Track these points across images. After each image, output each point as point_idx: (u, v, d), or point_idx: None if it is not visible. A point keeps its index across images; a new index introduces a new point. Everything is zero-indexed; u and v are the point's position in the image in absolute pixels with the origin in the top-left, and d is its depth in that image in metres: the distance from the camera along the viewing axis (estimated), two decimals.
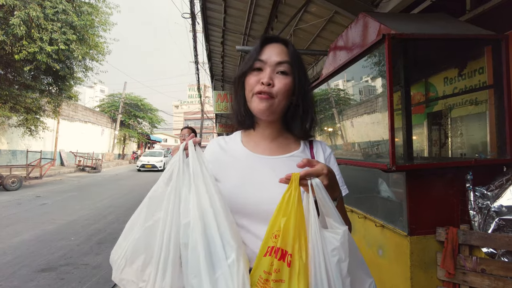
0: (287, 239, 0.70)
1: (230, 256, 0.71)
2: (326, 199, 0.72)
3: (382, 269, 2.33)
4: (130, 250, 0.79)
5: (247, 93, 0.94)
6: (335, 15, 5.18)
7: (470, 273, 1.87)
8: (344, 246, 0.71)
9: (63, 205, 7.84)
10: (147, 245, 0.78)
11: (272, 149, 0.98)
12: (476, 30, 2.28)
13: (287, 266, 0.69)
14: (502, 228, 1.88)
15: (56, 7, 10.57)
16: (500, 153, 2.15)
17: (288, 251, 0.70)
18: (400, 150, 2.69)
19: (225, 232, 0.73)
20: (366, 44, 2.36)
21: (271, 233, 0.72)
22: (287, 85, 0.90)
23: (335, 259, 0.70)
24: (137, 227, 0.81)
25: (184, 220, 0.75)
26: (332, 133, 4.62)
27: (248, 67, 0.92)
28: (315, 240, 0.70)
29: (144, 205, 0.82)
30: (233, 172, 0.93)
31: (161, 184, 0.82)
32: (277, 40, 0.96)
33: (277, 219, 0.72)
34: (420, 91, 3.63)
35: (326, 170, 0.75)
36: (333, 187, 0.78)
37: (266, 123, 0.97)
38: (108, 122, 27.39)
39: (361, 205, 2.75)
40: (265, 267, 0.70)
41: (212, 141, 1.06)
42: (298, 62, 0.94)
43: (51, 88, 12.79)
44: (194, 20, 8.17)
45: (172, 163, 0.82)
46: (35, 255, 4.30)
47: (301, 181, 0.73)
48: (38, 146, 16.13)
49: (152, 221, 0.79)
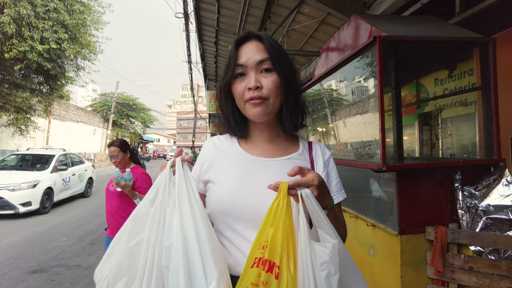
0: (275, 251, 0.68)
1: (211, 283, 0.69)
2: (317, 210, 0.69)
3: (373, 268, 2.36)
4: (112, 272, 0.78)
5: (238, 102, 0.90)
6: (328, 16, 5.22)
7: (458, 271, 1.90)
8: (333, 260, 0.69)
9: (54, 206, 7.75)
10: (130, 267, 0.76)
11: (270, 151, 0.94)
12: (465, 33, 2.33)
13: (275, 278, 0.67)
14: (489, 226, 1.93)
15: (47, 6, 10.46)
16: (488, 153, 2.20)
17: (276, 262, 0.68)
18: (391, 150, 2.73)
19: (207, 259, 0.71)
20: (358, 45, 2.39)
21: (258, 244, 0.70)
22: (275, 82, 0.86)
23: (324, 273, 0.68)
24: (120, 247, 0.79)
25: (167, 242, 0.73)
26: (325, 133, 4.66)
27: (230, 76, 0.88)
28: (304, 253, 0.68)
29: (128, 225, 0.80)
30: (229, 174, 0.90)
31: (146, 202, 0.80)
32: (249, 38, 0.90)
33: (265, 229, 0.70)
34: (411, 92, 3.68)
35: (317, 181, 0.71)
36: (323, 197, 0.75)
37: (264, 125, 0.94)
38: (100, 121, 27.13)
39: (353, 205, 2.78)
40: (252, 279, 0.68)
41: (207, 142, 1.03)
42: (278, 54, 0.88)
43: (42, 87, 12.65)
44: (187, 20, 8.15)
45: (157, 181, 0.80)
46: (26, 257, 4.26)
47: (291, 191, 0.70)
48: (29, 146, 15.89)
49: (135, 241, 0.77)
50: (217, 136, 1.05)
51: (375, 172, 2.08)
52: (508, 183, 1.96)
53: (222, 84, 0.92)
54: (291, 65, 0.92)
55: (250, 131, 0.97)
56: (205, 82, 13.41)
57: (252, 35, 0.90)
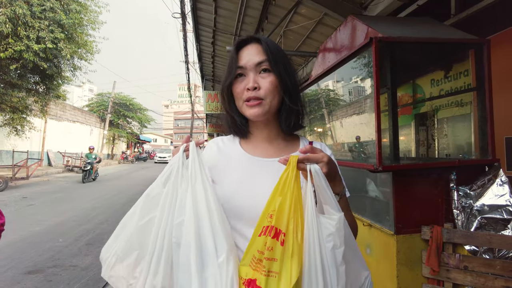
0: (282, 218, 0.69)
1: (221, 255, 0.71)
2: (324, 186, 0.71)
3: (370, 268, 2.36)
4: (122, 247, 0.79)
5: (237, 102, 0.94)
6: (325, 17, 5.24)
7: (453, 270, 1.92)
8: (339, 233, 0.70)
9: (50, 206, 7.71)
10: (140, 243, 0.78)
11: (270, 151, 0.97)
12: (460, 34, 2.35)
13: (281, 244, 0.68)
14: (484, 226, 1.95)
15: (44, 5, 10.41)
16: (483, 153, 2.22)
17: (282, 230, 0.69)
18: (387, 150, 2.75)
19: (218, 233, 0.73)
20: (354, 46, 2.41)
21: (266, 213, 0.72)
22: (273, 82, 0.89)
23: (330, 245, 0.69)
24: (130, 225, 0.81)
25: (178, 220, 0.75)
26: (322, 133, 4.67)
27: (232, 77, 0.92)
28: (311, 225, 0.69)
29: (139, 204, 0.82)
30: (230, 174, 0.92)
31: (159, 183, 0.82)
32: (249, 41, 0.94)
33: (273, 199, 0.72)
34: (407, 92, 3.70)
35: (326, 158, 0.75)
36: (334, 178, 0.79)
37: (263, 124, 0.97)
38: (97, 121, 27.01)
39: (349, 205, 2.80)
40: (259, 246, 0.70)
41: (210, 142, 1.05)
42: (276, 55, 0.91)
43: (38, 87, 12.56)
44: (185, 20, 8.14)
45: (171, 164, 0.83)
46: (22, 257, 4.24)
47: (300, 165, 0.72)
48: (25, 146, 15.79)
49: (147, 219, 0.80)
50: (221, 137, 1.07)
51: (371, 172, 2.10)
52: (502, 183, 1.98)
53: (225, 85, 0.95)
54: (289, 66, 0.95)
55: (251, 130, 1.00)
56: (202, 82, 13.40)
57: (252, 38, 0.94)
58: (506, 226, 1.91)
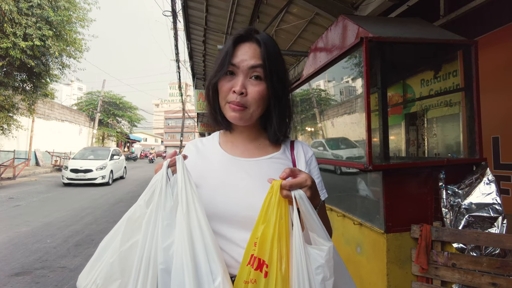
0: (265, 248, 0.67)
1: (217, 279, 0.67)
2: (311, 212, 0.69)
3: (360, 266, 2.40)
4: (102, 276, 0.72)
5: (221, 100, 0.89)
6: (316, 17, 5.26)
7: (441, 268, 1.95)
8: (329, 264, 0.68)
9: (38, 207, 7.58)
10: (122, 270, 0.72)
11: (251, 151, 0.93)
12: (449, 35, 2.38)
13: (264, 276, 0.65)
14: (472, 224, 1.98)
15: (31, 1, 10.21)
16: (470, 153, 2.25)
17: (265, 260, 0.66)
18: (377, 150, 2.77)
19: (212, 255, 0.69)
20: (345, 46, 2.42)
21: (252, 241, 0.69)
22: (261, 92, 0.84)
23: (319, 277, 0.67)
24: (111, 251, 0.74)
25: (165, 243, 0.70)
26: (313, 132, 4.69)
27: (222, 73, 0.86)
28: (299, 255, 0.67)
29: (121, 228, 0.76)
30: (209, 176, 0.88)
31: (141, 204, 0.77)
32: (249, 38, 0.88)
33: (258, 227, 0.69)
34: (398, 92, 3.74)
35: (309, 182, 0.71)
36: (315, 196, 0.75)
37: (242, 126, 0.93)
38: (86, 120, 26.65)
39: (340, 204, 2.81)
40: (245, 277, 0.67)
41: (189, 144, 1.01)
42: (274, 62, 0.86)
43: (25, 85, 12.29)
44: (176, 18, 8.08)
45: (153, 182, 0.77)
46: (9, 259, 4.15)
47: (284, 192, 0.69)
48: (12, 146, 15.49)
49: (129, 244, 0.74)
50: (200, 138, 1.03)
51: (362, 171, 2.11)
52: (489, 182, 2.02)
53: (213, 80, 0.89)
54: (283, 73, 0.90)
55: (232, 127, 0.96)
56: (193, 81, 13.31)
57: (253, 35, 0.88)
58: (493, 224, 1.94)
